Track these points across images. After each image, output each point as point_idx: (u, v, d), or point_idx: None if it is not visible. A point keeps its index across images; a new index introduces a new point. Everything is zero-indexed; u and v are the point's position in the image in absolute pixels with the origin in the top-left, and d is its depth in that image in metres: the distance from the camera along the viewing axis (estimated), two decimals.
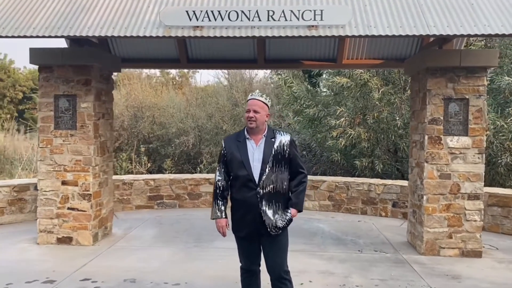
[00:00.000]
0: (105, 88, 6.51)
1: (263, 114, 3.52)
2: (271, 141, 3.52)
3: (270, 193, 3.46)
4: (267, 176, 3.45)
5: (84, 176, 6.11)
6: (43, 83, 6.13)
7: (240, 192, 3.53)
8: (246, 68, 7.55)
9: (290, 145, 3.56)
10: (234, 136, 3.67)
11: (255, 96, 3.55)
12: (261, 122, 3.50)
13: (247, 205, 3.49)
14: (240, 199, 3.54)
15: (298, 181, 3.59)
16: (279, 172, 3.49)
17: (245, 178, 3.47)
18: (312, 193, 8.80)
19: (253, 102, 3.51)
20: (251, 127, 3.48)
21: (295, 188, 3.58)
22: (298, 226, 7.28)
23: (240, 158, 3.49)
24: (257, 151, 3.50)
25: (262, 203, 3.46)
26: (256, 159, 3.48)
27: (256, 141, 3.53)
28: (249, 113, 3.48)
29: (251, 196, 3.46)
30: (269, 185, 3.45)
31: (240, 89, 13.12)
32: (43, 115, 6.14)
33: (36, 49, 6.04)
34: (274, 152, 3.48)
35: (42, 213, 6.15)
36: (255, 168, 3.47)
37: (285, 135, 3.59)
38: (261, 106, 3.50)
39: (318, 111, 10.45)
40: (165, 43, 7.30)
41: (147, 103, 12.78)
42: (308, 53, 7.39)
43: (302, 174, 3.61)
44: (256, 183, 3.45)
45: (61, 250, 5.88)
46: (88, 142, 6.10)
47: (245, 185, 3.49)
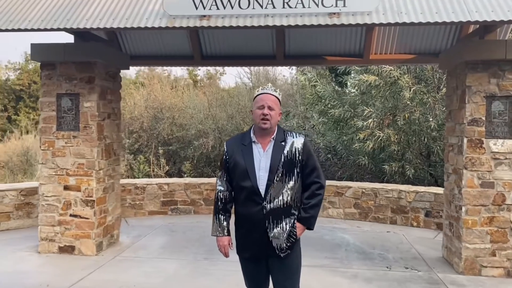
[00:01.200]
0: (111, 87, 6.07)
1: (277, 112, 2.95)
2: (280, 145, 2.94)
3: (279, 208, 2.90)
4: (276, 188, 2.89)
5: (87, 181, 5.68)
6: (45, 81, 5.74)
7: (244, 207, 2.98)
8: (264, 65, 7.02)
9: (304, 149, 2.97)
10: (238, 139, 3.09)
11: (268, 90, 2.98)
12: (275, 121, 2.94)
13: (252, 222, 2.94)
14: (243, 215, 2.99)
15: (311, 193, 2.99)
16: (291, 182, 2.92)
17: (249, 190, 2.91)
18: (337, 200, 8.15)
19: (266, 96, 2.93)
20: (264, 128, 2.90)
21: (307, 200, 2.98)
22: (320, 237, 6.68)
23: (244, 165, 2.93)
24: (264, 157, 2.93)
25: (269, 220, 2.90)
26: (262, 167, 2.91)
27: (264, 145, 2.96)
28: (263, 110, 2.88)
29: (257, 212, 2.90)
30: (278, 198, 2.89)
31: None
32: (45, 115, 5.75)
33: (37, 45, 5.65)
34: (284, 159, 2.90)
35: (44, 219, 5.76)
36: (261, 178, 2.90)
37: (298, 137, 3.00)
38: (275, 102, 2.93)
39: (344, 112, 9.77)
40: (178, 39, 6.84)
41: (167, 104, 12.39)
42: (331, 48, 6.77)
43: (317, 185, 3.00)
44: (262, 196, 2.89)
45: (62, 261, 5.46)
46: (92, 144, 5.67)
47: (249, 198, 2.92)
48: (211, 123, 11.52)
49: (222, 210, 3.04)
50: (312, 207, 2.99)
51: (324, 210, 8.18)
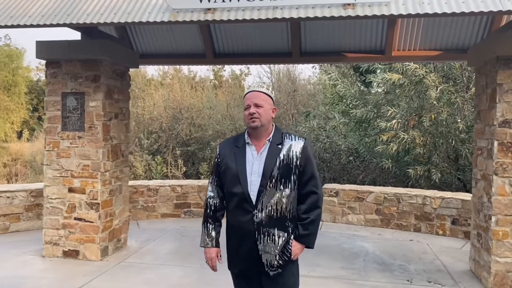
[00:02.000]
0: (118, 86, 5.86)
1: (268, 109, 2.64)
2: (276, 147, 2.63)
3: (272, 218, 2.59)
4: (269, 195, 2.57)
5: (92, 183, 5.47)
6: (50, 80, 5.57)
7: (234, 215, 2.68)
8: (279, 62, 6.68)
9: (303, 154, 2.63)
10: (232, 140, 2.80)
11: (255, 88, 2.69)
12: (266, 119, 2.62)
13: (242, 233, 2.64)
14: (233, 225, 2.68)
15: (309, 206, 2.66)
16: (286, 190, 2.60)
17: (239, 196, 2.61)
18: (357, 206, 7.72)
19: (252, 95, 2.64)
20: (253, 126, 2.60)
21: (305, 214, 2.65)
22: (338, 245, 6.30)
23: (235, 169, 2.63)
24: (257, 160, 2.62)
25: (260, 230, 2.59)
26: (255, 171, 2.61)
27: (259, 147, 2.65)
28: (249, 109, 2.61)
29: (247, 221, 2.60)
30: (271, 207, 2.58)
31: (282, 89, 12.22)
32: (50, 114, 5.58)
33: (43, 42, 5.49)
34: (280, 163, 2.58)
35: (48, 222, 5.59)
36: (252, 183, 2.59)
37: (297, 140, 2.69)
38: (263, 99, 2.63)
39: (367, 112, 9.32)
40: (190, 36, 6.58)
41: (185, 104, 12.19)
42: (351, 44, 6.37)
43: (315, 196, 2.66)
44: (253, 203, 2.58)
45: (64, 266, 5.26)
46: (97, 145, 5.46)
47: (239, 205, 2.62)
48: (228, 123, 11.25)
49: (211, 219, 2.75)
50: (311, 223, 2.65)
51: (343, 216, 7.78)
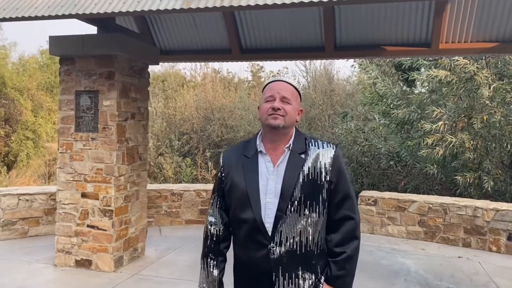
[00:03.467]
0: (136, 84, 5.45)
1: (296, 108, 2.01)
2: (299, 157, 1.98)
3: (295, 254, 1.94)
4: (290, 223, 1.93)
5: (106, 188, 5.09)
6: (64, 78, 5.24)
7: (243, 249, 2.02)
8: (311, 58, 6.12)
9: (334, 166, 1.98)
10: (239, 148, 2.12)
11: (282, 78, 2.05)
12: (292, 120, 1.99)
13: (254, 274, 1.99)
14: (243, 261, 2.03)
15: (343, 236, 2.00)
16: (313, 215, 1.95)
17: (250, 224, 1.95)
18: (398, 216, 7.00)
19: (279, 84, 2.00)
20: (274, 125, 1.93)
21: (339, 248, 1.99)
22: (375, 261, 5.64)
23: (245, 187, 1.98)
24: (274, 175, 1.96)
25: (279, 271, 1.94)
26: (271, 190, 1.95)
27: (275, 157, 2.00)
28: (274, 102, 1.95)
29: (261, 258, 1.94)
30: (293, 239, 1.93)
31: (318, 89, 11.57)
32: (63, 114, 5.24)
33: (56, 38, 5.16)
34: (304, 178, 1.94)
35: (60, 229, 5.25)
36: (268, 207, 1.94)
37: (326, 147, 2.02)
38: (292, 93, 2.00)
39: (410, 113, 8.54)
40: (215, 31, 6.12)
41: (217, 104, 11.78)
42: (392, 36, 5.69)
43: (351, 222, 2.01)
44: (269, 234, 1.93)
45: (75, 277, 4.90)
46: (111, 147, 5.07)
47: (250, 237, 1.97)
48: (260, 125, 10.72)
49: (212, 253, 2.10)
50: (348, 260, 1.98)
51: (382, 227, 7.07)
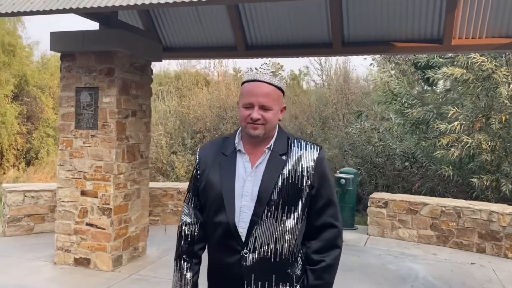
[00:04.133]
0: (137, 80, 5.37)
1: (277, 111, 1.82)
2: (280, 159, 1.82)
3: (269, 262, 1.80)
4: (265, 229, 1.78)
5: (105, 187, 5.02)
6: (64, 74, 5.19)
7: (216, 253, 1.88)
8: (318, 54, 5.94)
9: (317, 169, 1.83)
10: (217, 144, 1.94)
11: (261, 76, 1.78)
12: (273, 125, 1.82)
13: (225, 280, 1.86)
14: (216, 266, 1.89)
15: (324, 244, 1.85)
16: (290, 221, 1.80)
17: (223, 228, 1.81)
18: (409, 219, 6.74)
19: (257, 88, 1.77)
20: (254, 135, 1.79)
21: (318, 256, 1.84)
22: (382, 265, 5.43)
23: (219, 188, 1.82)
24: (252, 177, 1.81)
25: (251, 279, 1.80)
26: (247, 193, 1.80)
27: (254, 157, 1.84)
28: (252, 112, 1.76)
29: (233, 265, 1.81)
30: (268, 246, 1.79)
31: (332, 87, 11.34)
32: (63, 111, 5.20)
33: (57, 34, 5.12)
34: (283, 182, 1.79)
35: (60, 227, 5.21)
36: (243, 211, 1.79)
37: (309, 149, 1.86)
38: (272, 96, 1.78)
39: (425, 113, 8.25)
40: (220, 27, 6.00)
41: (230, 103, 11.67)
42: (402, 32, 5.47)
43: (333, 230, 1.86)
44: (242, 240, 1.79)
45: (72, 276, 4.84)
46: (110, 144, 5.00)
47: (223, 241, 1.83)
48: None
49: (186, 255, 1.95)
50: (326, 269, 1.83)
51: (393, 230, 6.82)
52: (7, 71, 18.57)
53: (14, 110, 18.23)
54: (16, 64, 19.12)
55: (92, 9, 4.00)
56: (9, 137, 17.93)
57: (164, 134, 11.72)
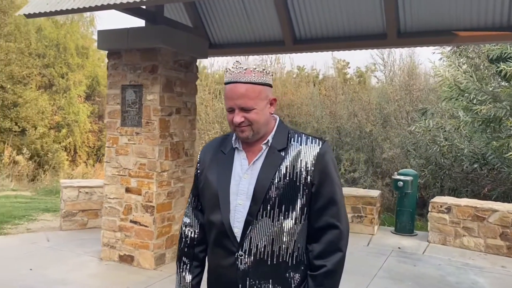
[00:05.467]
0: (182, 78, 5.30)
1: (263, 106, 1.67)
2: (278, 155, 1.69)
3: (265, 265, 1.66)
4: (261, 229, 1.65)
5: (148, 184, 5.00)
6: (111, 72, 5.25)
7: (212, 254, 1.79)
8: (371, 46, 5.53)
9: (318, 165, 1.67)
10: (217, 142, 1.87)
11: (237, 76, 1.65)
12: (262, 122, 1.69)
13: (222, 283, 1.74)
14: (212, 268, 1.79)
15: (325, 247, 1.69)
16: (288, 222, 1.66)
17: (218, 228, 1.71)
18: (476, 226, 6.12)
19: (235, 89, 1.65)
20: (243, 138, 1.71)
21: (319, 261, 1.68)
22: (441, 277, 4.97)
23: (216, 187, 1.73)
24: (248, 174, 1.70)
25: (246, 282, 1.67)
26: (242, 191, 1.69)
27: (251, 154, 1.73)
28: (234, 116, 1.67)
29: (228, 267, 1.69)
30: (264, 248, 1.65)
31: (396, 83, 10.72)
32: (110, 109, 5.26)
33: (103, 32, 5.18)
34: (280, 179, 1.66)
35: (106, 224, 5.28)
36: (238, 210, 1.68)
37: (311, 144, 1.72)
38: (253, 95, 1.64)
39: (496, 110, 7.48)
40: (267, 22, 5.81)
41: (286, 100, 11.43)
42: (465, 20, 4.94)
43: (335, 232, 1.69)
44: (237, 240, 1.67)
45: (115, 273, 4.87)
46: (153, 142, 4.97)
47: (218, 242, 1.73)
48: (328, 121, 10.16)
49: (186, 257, 1.88)
50: (327, 275, 1.67)
51: (456, 238, 6.24)
52: (80, 72, 19.66)
53: (86, 109, 19.29)
54: (88, 65, 20.21)
55: (128, 4, 3.94)
56: (82, 135, 18.98)
57: (220, 133, 11.72)
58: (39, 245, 5.78)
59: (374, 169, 9.80)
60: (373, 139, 9.92)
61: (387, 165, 9.52)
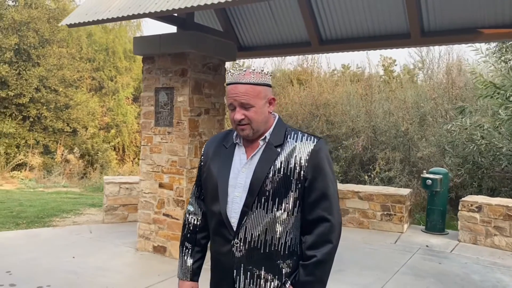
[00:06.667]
0: (210, 80, 5.59)
1: (262, 105, 1.82)
2: (274, 150, 1.84)
3: (258, 253, 1.82)
4: (255, 220, 1.81)
5: (179, 180, 5.34)
6: (146, 76, 5.63)
7: (212, 242, 1.97)
8: (394, 46, 5.54)
9: (311, 161, 1.82)
10: (220, 137, 2.03)
11: (236, 77, 1.82)
12: (261, 121, 1.84)
13: (220, 268, 1.92)
14: (212, 254, 1.97)
15: (316, 239, 1.82)
16: (280, 212, 1.81)
17: (217, 218, 1.88)
18: (507, 226, 6.03)
19: (235, 89, 1.81)
20: (244, 136, 1.87)
21: (310, 251, 1.82)
22: (465, 275, 4.99)
23: (216, 179, 1.90)
24: (246, 168, 1.87)
25: (240, 269, 1.84)
26: (240, 183, 1.85)
27: (250, 149, 1.89)
28: (235, 113, 1.82)
29: (225, 254, 1.86)
30: (258, 237, 1.81)
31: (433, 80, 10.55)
32: (145, 110, 5.64)
33: (138, 38, 5.58)
34: (275, 173, 1.81)
35: (142, 216, 5.67)
36: (235, 201, 1.84)
37: (305, 141, 1.85)
38: (253, 94, 1.80)
39: None
40: (294, 24, 6.03)
41: (322, 100, 11.52)
42: (490, 17, 4.92)
43: (326, 225, 1.82)
44: (234, 230, 1.84)
45: (148, 262, 5.24)
46: (183, 141, 5.30)
47: (217, 230, 1.90)
48: (363, 120, 10.16)
49: (188, 242, 2.07)
50: (317, 264, 1.80)
51: (487, 238, 6.16)
52: (128, 75, 20.58)
53: (134, 110, 20.16)
54: (135, 68, 21.09)
55: (162, 12, 4.27)
56: (130, 135, 19.85)
57: None
58: (83, 236, 6.28)
59: (410, 168, 9.72)
60: (409, 138, 9.83)
61: (423, 164, 9.41)
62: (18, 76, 13.89)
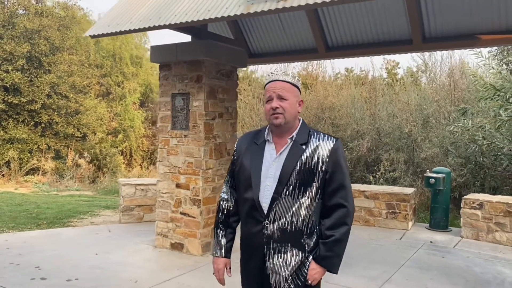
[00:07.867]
0: (223, 85, 5.92)
1: (294, 102, 2.23)
2: (300, 148, 2.22)
3: (285, 232, 2.20)
4: (284, 204, 2.19)
5: (195, 180, 5.65)
6: (162, 82, 5.95)
7: (244, 225, 2.34)
8: (398, 52, 5.84)
9: (331, 158, 2.21)
10: (251, 135, 2.42)
11: (277, 76, 2.25)
12: (292, 114, 2.22)
13: (251, 246, 2.30)
14: (244, 234, 2.35)
15: (334, 221, 2.22)
16: (305, 199, 2.19)
17: (250, 203, 2.26)
18: (508, 222, 6.31)
19: (274, 84, 2.23)
20: (276, 124, 2.22)
21: (330, 231, 2.22)
22: (467, 267, 5.27)
23: (249, 170, 2.27)
24: (276, 162, 2.24)
25: (270, 245, 2.23)
26: (271, 175, 2.23)
27: (279, 146, 2.27)
28: (272, 102, 2.22)
29: (257, 233, 2.25)
30: (286, 218, 2.19)
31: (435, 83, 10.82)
32: (162, 114, 5.96)
33: (155, 47, 5.90)
34: (301, 166, 2.18)
35: (160, 215, 5.98)
36: (266, 189, 2.21)
37: (326, 140, 2.25)
38: (288, 89, 2.22)
39: None
40: (301, 31, 6.34)
41: (327, 103, 11.82)
42: (488, 23, 5.23)
43: (343, 210, 2.23)
44: (265, 213, 2.21)
45: (167, 258, 5.55)
46: (199, 143, 5.62)
47: (250, 214, 2.27)
48: (368, 123, 10.46)
49: (222, 224, 2.45)
50: (336, 242, 2.21)
51: (489, 233, 6.44)
52: (135, 80, 20.95)
53: (141, 115, 20.52)
54: (142, 74, 21.47)
55: (176, 25, 4.62)
56: (137, 139, 20.20)
57: None
58: (102, 235, 6.60)
59: (414, 168, 10.00)
60: (413, 139, 10.11)
61: (427, 165, 9.68)
62: (30, 83, 14.28)
